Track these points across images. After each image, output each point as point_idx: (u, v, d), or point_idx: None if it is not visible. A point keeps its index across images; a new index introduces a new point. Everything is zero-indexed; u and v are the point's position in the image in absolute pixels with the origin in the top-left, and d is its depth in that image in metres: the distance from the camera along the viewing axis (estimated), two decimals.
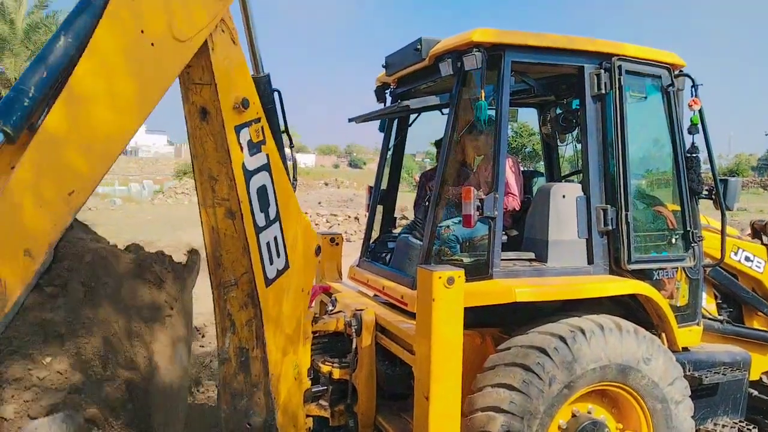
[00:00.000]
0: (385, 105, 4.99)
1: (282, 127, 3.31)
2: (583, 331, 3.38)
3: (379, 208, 5.11)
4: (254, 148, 3.06)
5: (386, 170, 5.14)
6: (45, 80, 2.27)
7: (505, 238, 3.75)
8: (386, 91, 4.99)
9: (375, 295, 4.50)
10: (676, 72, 4.07)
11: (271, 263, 3.19)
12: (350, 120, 5.05)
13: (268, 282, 3.19)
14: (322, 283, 5.20)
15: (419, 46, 3.99)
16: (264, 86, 3.18)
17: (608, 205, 3.78)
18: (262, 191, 3.12)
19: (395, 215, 5.30)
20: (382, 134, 5.02)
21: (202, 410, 5.58)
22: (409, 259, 4.19)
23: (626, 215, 3.74)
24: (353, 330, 3.81)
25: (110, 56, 2.39)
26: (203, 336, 7.73)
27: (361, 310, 3.92)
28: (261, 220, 3.14)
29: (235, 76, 2.96)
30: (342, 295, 4.50)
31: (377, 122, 4.99)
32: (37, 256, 2.26)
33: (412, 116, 4.99)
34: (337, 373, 3.85)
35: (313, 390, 3.80)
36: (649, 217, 4.18)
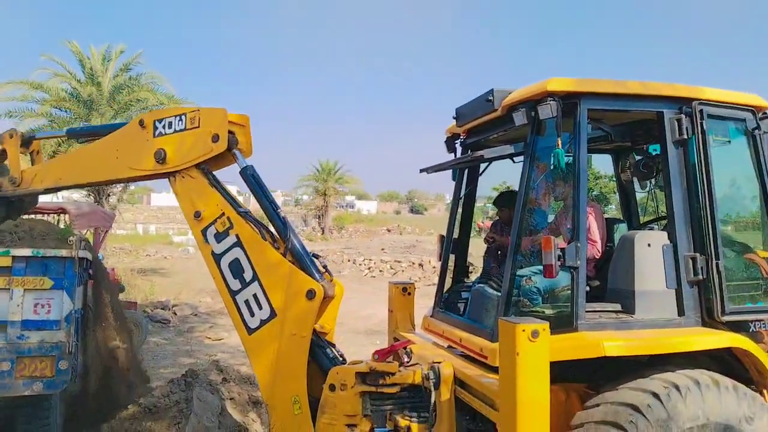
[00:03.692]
0: (455, 155, 5.03)
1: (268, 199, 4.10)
2: (677, 388, 3.19)
3: (451, 257, 5.08)
4: (221, 235, 3.92)
5: (457, 219, 5.14)
6: None
7: (587, 288, 3.63)
8: (456, 142, 5.04)
9: (449, 347, 4.43)
10: (761, 114, 3.93)
11: (252, 315, 3.85)
12: (422, 170, 5.10)
13: (251, 331, 3.87)
14: (396, 332, 5.18)
15: (491, 98, 4.03)
16: (246, 176, 4.06)
17: (697, 254, 3.62)
18: (235, 263, 3.88)
19: (467, 264, 5.25)
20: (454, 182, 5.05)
21: None
22: (486, 310, 4.11)
23: (717, 264, 3.57)
24: (431, 383, 3.74)
25: None
26: None
27: (439, 362, 3.86)
28: (235, 285, 3.89)
29: (194, 198, 4.02)
30: (417, 346, 4.44)
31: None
32: None
33: (482, 165, 5.00)
34: (415, 429, 3.76)
35: None
36: (740, 265, 3.97)
